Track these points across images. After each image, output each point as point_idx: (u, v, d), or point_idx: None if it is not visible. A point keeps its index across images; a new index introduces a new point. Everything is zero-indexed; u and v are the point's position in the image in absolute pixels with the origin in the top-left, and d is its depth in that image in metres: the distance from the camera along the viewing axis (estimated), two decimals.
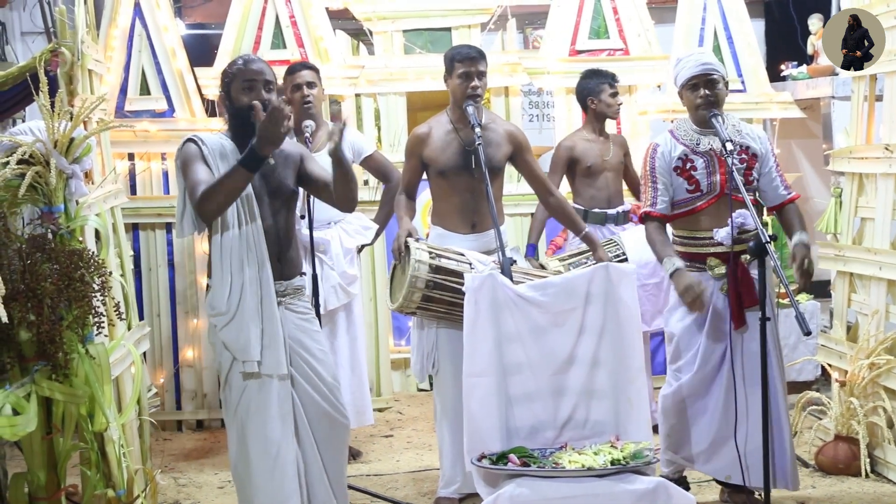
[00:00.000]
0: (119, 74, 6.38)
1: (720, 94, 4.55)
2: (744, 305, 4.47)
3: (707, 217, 4.56)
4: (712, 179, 4.54)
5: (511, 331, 4.13)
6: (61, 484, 4.05)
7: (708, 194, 4.56)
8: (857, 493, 4.94)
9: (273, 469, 3.82)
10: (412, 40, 6.92)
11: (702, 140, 4.58)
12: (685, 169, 4.58)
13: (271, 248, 3.88)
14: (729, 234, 4.47)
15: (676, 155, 4.60)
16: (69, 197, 4.14)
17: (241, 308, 3.80)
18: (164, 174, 6.48)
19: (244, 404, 3.85)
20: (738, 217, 4.45)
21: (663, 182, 4.62)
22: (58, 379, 3.92)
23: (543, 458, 3.95)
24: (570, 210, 5.04)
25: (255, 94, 3.85)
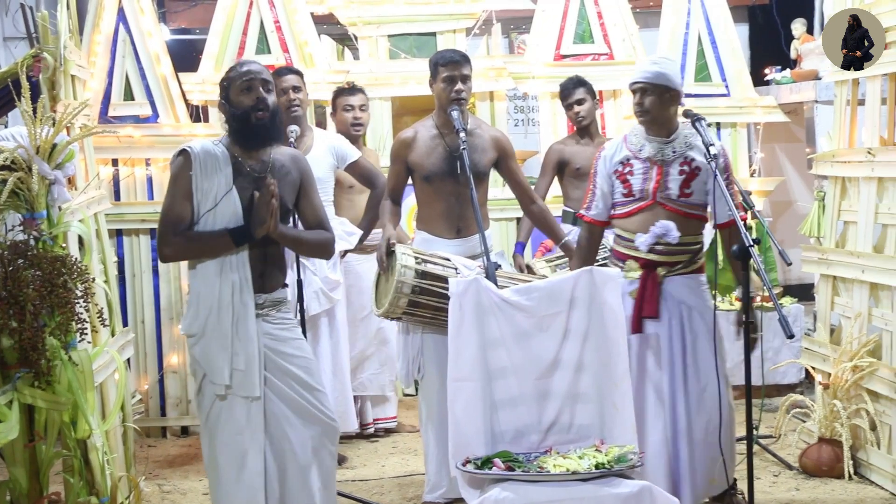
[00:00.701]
0: (103, 80, 6.36)
1: (647, 103, 4.49)
2: (643, 314, 4.49)
3: (635, 222, 4.56)
4: (645, 186, 4.54)
5: (496, 335, 4.13)
6: (44, 491, 4.03)
7: (639, 200, 4.55)
8: (840, 496, 4.96)
9: (239, 479, 3.82)
10: (397, 45, 6.93)
11: (645, 146, 4.57)
12: (623, 173, 4.59)
13: (255, 265, 3.86)
14: (646, 241, 4.49)
15: (618, 159, 4.61)
16: (52, 203, 4.13)
17: (210, 330, 3.81)
18: (148, 180, 6.45)
19: (214, 414, 3.86)
20: (659, 228, 4.47)
21: (601, 186, 4.65)
22: (40, 386, 3.90)
23: (528, 462, 3.95)
24: (552, 218, 5.07)
25: (253, 93, 3.83)
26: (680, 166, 4.51)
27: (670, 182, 4.50)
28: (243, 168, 3.87)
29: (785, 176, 8.07)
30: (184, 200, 3.82)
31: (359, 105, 6.00)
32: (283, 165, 3.95)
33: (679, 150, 4.53)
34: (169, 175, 3.90)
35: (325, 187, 5.57)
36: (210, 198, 3.80)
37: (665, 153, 4.53)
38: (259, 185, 3.83)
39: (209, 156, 3.82)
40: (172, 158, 3.88)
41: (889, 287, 5.05)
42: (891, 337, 5.03)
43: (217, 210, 3.80)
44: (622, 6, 6.96)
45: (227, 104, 3.88)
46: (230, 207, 3.81)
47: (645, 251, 4.52)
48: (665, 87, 4.47)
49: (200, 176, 3.80)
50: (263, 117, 3.84)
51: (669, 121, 4.55)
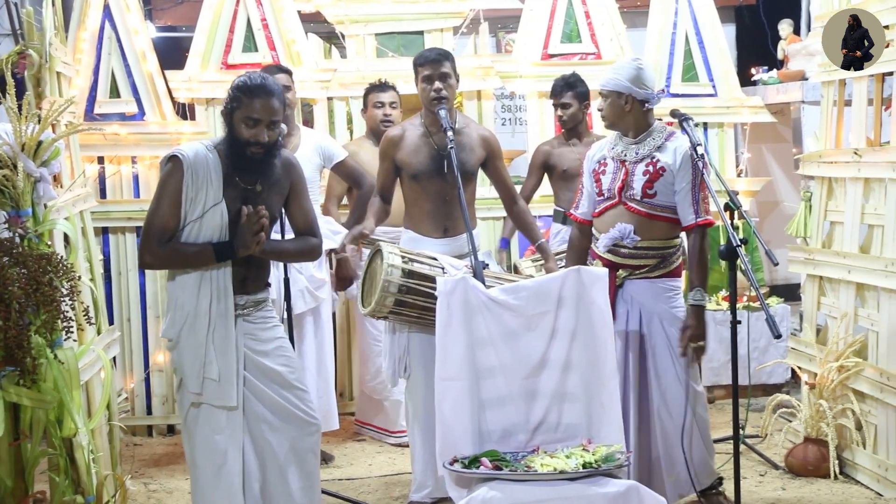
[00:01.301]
0: (88, 77, 6.33)
1: (605, 110, 4.64)
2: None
3: (604, 222, 4.63)
4: (613, 185, 4.59)
5: (483, 334, 4.12)
6: (29, 490, 4.01)
7: (608, 199, 4.62)
8: (826, 495, 4.97)
9: (217, 478, 3.84)
10: (385, 44, 6.91)
11: (617, 145, 4.66)
12: (598, 172, 4.68)
13: (237, 271, 3.87)
14: (604, 241, 4.58)
15: (597, 158, 4.72)
16: (37, 200, 4.10)
17: (184, 338, 3.82)
18: (134, 178, 6.42)
19: (193, 414, 3.87)
20: (617, 230, 4.53)
21: (586, 185, 4.74)
22: (25, 384, 3.88)
23: (515, 461, 3.95)
24: (531, 220, 5.09)
25: (256, 131, 3.78)
26: (645, 166, 4.55)
27: (634, 182, 4.55)
28: (233, 179, 3.85)
29: (772, 176, 8.09)
30: (170, 208, 3.80)
31: (389, 102, 6.01)
32: (275, 176, 3.94)
33: (643, 151, 4.57)
34: (158, 177, 3.88)
35: (311, 186, 5.54)
36: (198, 207, 3.78)
37: (628, 153, 4.59)
38: (248, 197, 3.84)
39: (201, 164, 3.79)
40: (163, 162, 3.86)
41: (875, 287, 5.07)
42: (877, 337, 5.05)
43: (203, 220, 3.79)
44: (610, 6, 6.96)
45: (229, 119, 3.83)
46: (217, 219, 3.80)
47: (602, 252, 4.58)
48: (618, 92, 4.56)
49: (191, 185, 3.78)
50: (258, 153, 3.82)
51: (633, 123, 4.60)
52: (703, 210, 4.51)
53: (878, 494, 4.94)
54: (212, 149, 3.86)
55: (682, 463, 4.51)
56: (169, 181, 3.81)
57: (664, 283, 4.59)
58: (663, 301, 4.57)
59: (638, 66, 4.56)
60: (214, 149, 3.86)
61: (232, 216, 3.81)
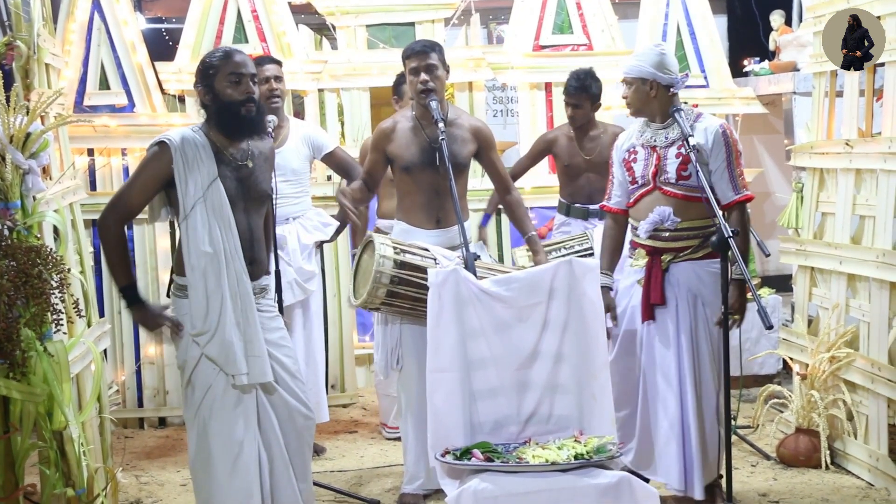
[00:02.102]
0: (77, 69, 6.31)
1: (629, 97, 4.63)
2: (650, 301, 4.53)
3: (641, 209, 4.62)
4: (646, 172, 4.60)
5: (475, 326, 4.12)
6: (19, 483, 3.99)
7: (642, 186, 4.62)
8: (817, 485, 4.98)
9: (234, 468, 3.80)
10: (375, 35, 6.90)
11: (645, 132, 4.67)
12: (629, 161, 4.68)
13: (245, 252, 3.86)
14: (644, 227, 4.56)
15: (626, 147, 4.72)
16: (26, 193, 4.08)
17: (223, 324, 3.79)
18: (124, 170, 6.41)
19: (207, 404, 3.83)
20: (657, 214, 4.52)
21: (617, 175, 4.76)
22: (15, 377, 3.87)
23: (507, 452, 3.95)
24: (523, 212, 5.02)
25: (243, 87, 3.82)
26: (677, 150, 4.55)
27: (668, 166, 4.54)
28: (225, 157, 3.86)
29: (763, 167, 8.08)
30: (142, 190, 3.83)
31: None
32: (262, 151, 3.98)
33: (673, 135, 4.57)
34: (143, 159, 3.87)
35: (301, 178, 5.55)
36: (196, 187, 3.77)
37: (658, 139, 4.59)
38: (242, 173, 3.85)
39: (190, 146, 3.79)
40: (150, 146, 3.85)
41: (866, 278, 5.07)
42: (868, 328, 5.05)
43: (207, 200, 3.78)
44: None
45: (211, 92, 3.85)
46: (219, 198, 3.79)
47: (645, 238, 4.56)
48: (642, 79, 4.57)
49: (183, 168, 3.77)
50: (251, 110, 3.85)
51: (659, 108, 4.61)
52: (742, 185, 4.54)
53: (869, 484, 4.95)
54: (198, 131, 3.87)
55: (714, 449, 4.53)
56: (150, 164, 3.82)
57: (709, 266, 4.53)
58: (704, 283, 4.54)
59: (661, 52, 4.60)
60: (201, 131, 3.88)
61: (230, 193, 3.81)
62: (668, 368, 4.50)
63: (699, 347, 4.53)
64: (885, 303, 4.91)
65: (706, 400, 4.51)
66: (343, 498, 4.97)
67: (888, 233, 4.94)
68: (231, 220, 3.81)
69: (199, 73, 3.89)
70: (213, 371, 3.82)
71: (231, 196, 3.82)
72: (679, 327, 4.53)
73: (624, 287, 4.71)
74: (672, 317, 4.53)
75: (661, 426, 4.50)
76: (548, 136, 6.13)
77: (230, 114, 3.83)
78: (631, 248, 4.72)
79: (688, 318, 4.53)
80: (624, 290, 4.70)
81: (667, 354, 4.51)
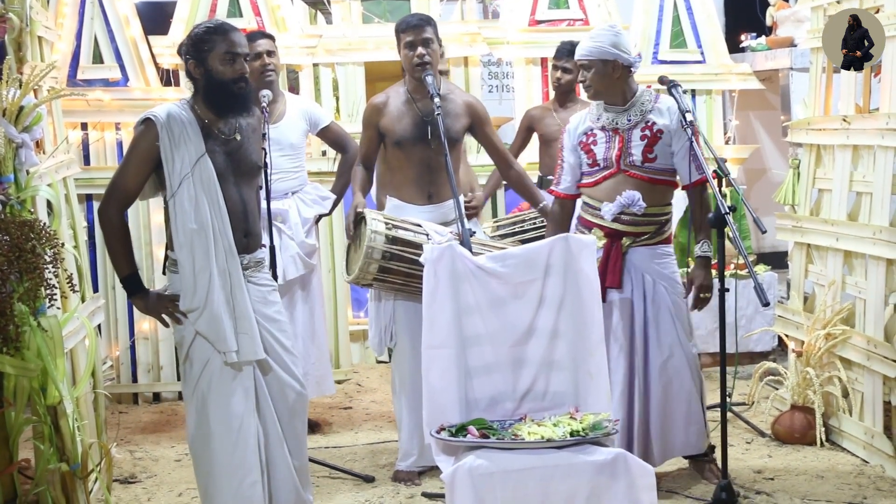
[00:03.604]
0: (71, 42, 6.26)
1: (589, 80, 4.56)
2: (605, 284, 4.50)
3: (601, 191, 4.60)
4: (609, 154, 4.57)
5: (470, 302, 4.10)
6: (14, 458, 3.99)
7: (604, 169, 4.59)
8: (812, 462, 4.99)
9: (235, 443, 3.80)
10: (371, 10, 6.86)
11: (603, 115, 4.63)
12: (587, 143, 4.64)
13: (238, 224, 3.85)
14: (611, 210, 4.54)
15: (581, 130, 4.68)
16: (19, 167, 4.05)
17: (211, 300, 3.77)
18: (118, 144, 6.37)
19: (206, 378, 3.82)
20: (626, 198, 4.50)
21: (567, 160, 4.70)
22: (9, 352, 3.85)
23: (503, 429, 3.94)
24: (529, 182, 5.04)
25: (237, 66, 3.81)
26: (641, 131, 4.54)
27: (633, 148, 4.54)
28: (213, 131, 3.83)
29: (760, 143, 8.06)
30: (136, 171, 3.80)
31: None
32: (250, 123, 3.95)
33: (635, 117, 4.56)
34: (131, 141, 3.85)
35: (297, 152, 5.52)
36: (183, 164, 3.75)
37: (620, 121, 4.57)
38: (230, 147, 3.82)
39: (176, 122, 3.76)
40: (136, 125, 3.83)
41: (862, 255, 5.06)
42: (864, 305, 5.05)
43: (194, 177, 3.75)
44: None
45: (203, 66, 3.81)
46: (207, 174, 3.77)
47: (609, 220, 4.55)
48: (603, 60, 4.52)
49: (169, 144, 3.74)
50: (244, 88, 3.84)
51: (620, 90, 4.58)
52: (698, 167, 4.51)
53: (864, 461, 4.96)
54: (184, 107, 3.84)
55: (680, 427, 4.57)
56: (139, 143, 3.79)
57: (662, 250, 4.62)
58: (664, 266, 4.60)
59: (617, 32, 4.57)
60: (187, 105, 3.84)
61: (218, 169, 3.79)
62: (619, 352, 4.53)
63: (660, 330, 4.56)
64: (882, 279, 4.90)
65: (674, 381, 4.55)
66: (337, 474, 4.97)
67: (885, 209, 4.92)
68: (220, 197, 3.78)
69: (191, 45, 3.83)
70: (210, 346, 3.80)
71: (221, 171, 3.80)
72: (633, 312, 4.56)
73: None
74: (627, 300, 4.56)
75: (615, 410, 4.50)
76: (531, 111, 6.14)
77: (222, 92, 3.81)
78: (582, 227, 4.68)
79: (642, 302, 4.57)
80: None
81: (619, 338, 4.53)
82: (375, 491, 4.79)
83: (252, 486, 3.82)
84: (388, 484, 4.86)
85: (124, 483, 4.97)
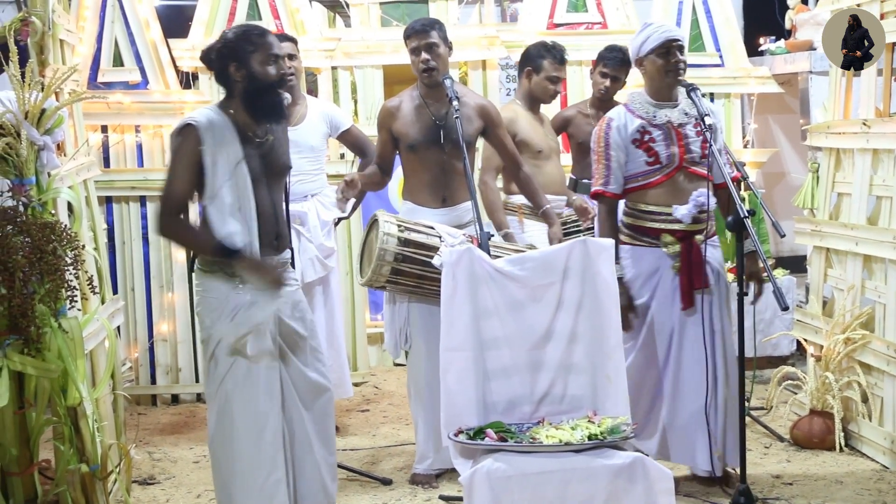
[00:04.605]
0: (91, 45, 6.30)
1: (686, 62, 4.57)
2: (694, 287, 4.49)
3: (664, 192, 4.53)
4: (671, 151, 4.52)
5: (488, 305, 4.10)
6: (34, 459, 4.02)
7: (667, 167, 4.53)
8: (831, 468, 4.97)
9: (259, 441, 3.80)
10: (389, 13, 6.86)
11: (658, 113, 4.57)
12: (644, 141, 4.55)
13: (269, 226, 3.85)
14: (689, 212, 4.47)
15: (634, 128, 4.56)
16: (41, 169, 4.08)
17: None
18: (137, 147, 6.40)
19: (231, 378, 3.82)
20: (700, 196, 4.45)
21: (617, 159, 4.57)
22: (30, 353, 3.88)
23: (521, 432, 3.94)
24: (535, 186, 5.06)
25: (279, 67, 3.81)
26: (694, 127, 4.52)
27: (692, 144, 4.51)
28: (248, 135, 3.82)
29: (778, 147, 8.04)
30: (185, 179, 3.74)
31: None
32: (279, 125, 3.96)
33: (689, 112, 4.55)
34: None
35: (318, 155, 5.53)
36: (225, 170, 3.73)
37: (675, 117, 4.53)
38: (263, 149, 3.83)
39: (216, 127, 3.75)
40: (175, 132, 3.78)
41: (882, 259, 5.04)
42: (884, 309, 5.03)
43: (231, 181, 3.74)
44: None
45: (245, 69, 3.77)
46: (241, 178, 3.76)
47: (689, 222, 4.47)
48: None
49: (213, 148, 3.72)
50: (286, 92, 3.87)
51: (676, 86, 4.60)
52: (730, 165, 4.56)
53: (884, 467, 4.93)
54: (217, 111, 3.82)
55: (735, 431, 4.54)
56: (182, 150, 3.74)
57: (713, 242, 4.62)
58: (718, 260, 4.62)
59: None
60: (220, 110, 3.82)
61: (253, 175, 3.78)
62: (700, 353, 4.48)
63: (724, 326, 4.57)
64: None
65: (732, 379, 4.54)
66: (355, 476, 4.98)
67: None
68: (252, 202, 3.78)
69: (232, 48, 3.77)
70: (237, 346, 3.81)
71: (255, 175, 3.79)
72: (712, 308, 4.53)
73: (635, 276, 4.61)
74: (707, 298, 4.52)
75: (690, 410, 4.50)
76: (564, 113, 6.08)
77: (265, 93, 3.78)
78: (641, 235, 4.61)
79: (718, 298, 4.55)
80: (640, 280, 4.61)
81: (699, 338, 4.48)
82: (393, 493, 4.79)
83: (276, 483, 3.82)
84: (406, 486, 4.86)
85: (143, 484, 4.99)
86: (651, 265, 4.59)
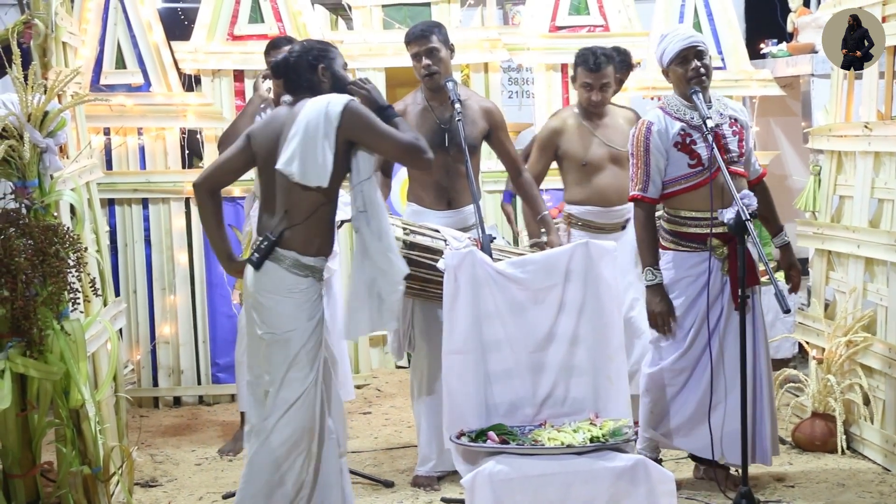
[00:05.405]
0: (94, 48, 6.31)
1: (709, 65, 4.54)
2: (749, 284, 4.40)
3: (705, 195, 4.43)
4: (712, 153, 4.41)
5: (490, 308, 4.11)
6: (36, 461, 4.01)
7: (708, 169, 4.45)
8: (833, 470, 4.97)
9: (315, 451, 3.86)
10: (391, 15, 6.87)
11: (694, 115, 4.50)
12: (685, 144, 4.48)
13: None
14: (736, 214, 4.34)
15: (675, 130, 4.49)
16: (43, 171, 4.08)
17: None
18: (140, 149, 6.42)
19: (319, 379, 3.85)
20: (745, 198, 4.31)
21: (656, 164, 4.50)
22: (32, 355, 3.88)
23: (523, 435, 3.95)
24: (535, 192, 5.02)
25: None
26: (729, 127, 4.54)
27: (730, 144, 4.51)
28: None
29: (780, 150, 8.04)
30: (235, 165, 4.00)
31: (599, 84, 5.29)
32: None
33: (724, 112, 4.56)
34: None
35: None
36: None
37: (714, 118, 4.49)
38: None
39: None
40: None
41: (884, 262, 5.04)
42: (885, 312, 5.03)
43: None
44: None
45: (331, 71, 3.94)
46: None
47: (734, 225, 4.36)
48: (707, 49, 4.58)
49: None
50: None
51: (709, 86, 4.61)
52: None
53: (886, 469, 4.93)
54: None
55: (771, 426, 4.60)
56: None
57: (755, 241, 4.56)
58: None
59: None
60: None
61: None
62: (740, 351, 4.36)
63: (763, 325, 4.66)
64: None
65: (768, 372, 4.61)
66: (357, 479, 4.97)
67: None
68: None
69: (319, 54, 3.95)
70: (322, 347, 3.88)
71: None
72: (755, 306, 4.54)
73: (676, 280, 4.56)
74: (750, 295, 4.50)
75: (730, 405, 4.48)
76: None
77: (343, 92, 3.94)
78: (686, 241, 4.55)
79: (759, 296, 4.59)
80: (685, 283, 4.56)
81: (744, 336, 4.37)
82: (395, 496, 4.79)
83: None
84: (408, 489, 4.86)
85: (145, 487, 5.00)
86: (697, 268, 4.51)
